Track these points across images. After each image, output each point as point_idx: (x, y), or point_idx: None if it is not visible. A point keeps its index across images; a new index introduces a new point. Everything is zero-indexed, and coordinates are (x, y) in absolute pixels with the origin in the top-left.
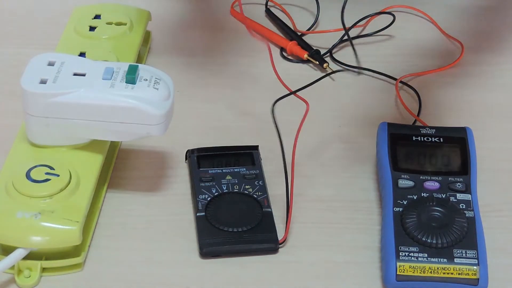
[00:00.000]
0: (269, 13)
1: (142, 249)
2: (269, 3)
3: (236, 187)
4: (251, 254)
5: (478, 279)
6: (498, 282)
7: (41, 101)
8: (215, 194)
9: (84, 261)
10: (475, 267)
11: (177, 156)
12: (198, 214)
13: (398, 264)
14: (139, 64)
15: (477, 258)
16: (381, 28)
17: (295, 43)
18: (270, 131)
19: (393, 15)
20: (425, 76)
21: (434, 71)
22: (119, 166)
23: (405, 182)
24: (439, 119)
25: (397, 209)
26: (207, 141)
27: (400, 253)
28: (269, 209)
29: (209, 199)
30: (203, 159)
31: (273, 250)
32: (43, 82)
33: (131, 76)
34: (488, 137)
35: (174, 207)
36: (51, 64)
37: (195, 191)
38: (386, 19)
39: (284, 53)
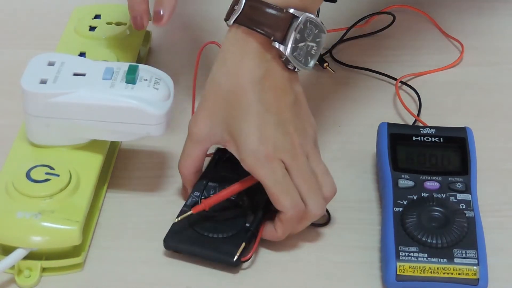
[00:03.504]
0: None
1: (142, 249)
2: None
3: (234, 195)
4: (210, 261)
5: (478, 279)
6: (498, 282)
7: (41, 101)
8: (211, 194)
9: (84, 261)
10: (475, 267)
11: (177, 156)
12: (183, 208)
13: (398, 264)
14: (139, 64)
15: (477, 258)
16: (381, 28)
17: None
18: None
19: (393, 15)
20: (425, 76)
21: (434, 71)
22: (119, 166)
23: (405, 182)
24: (439, 119)
25: (397, 209)
26: None
27: (400, 253)
28: (250, 225)
29: (202, 197)
30: (225, 162)
31: (231, 264)
32: (43, 82)
33: (131, 76)
34: (488, 137)
35: (173, 207)
36: (51, 64)
37: (195, 186)
38: (386, 19)
39: None
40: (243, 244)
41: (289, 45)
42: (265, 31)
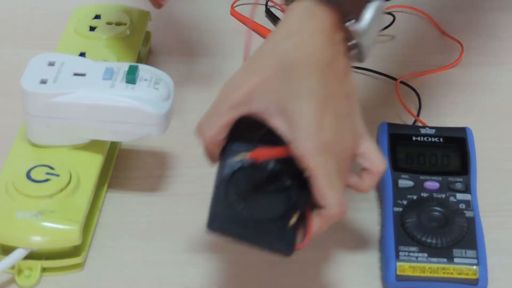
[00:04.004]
0: (269, 13)
1: (142, 249)
2: (269, 3)
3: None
4: (260, 249)
5: (478, 279)
6: (498, 282)
7: (41, 101)
8: (247, 164)
9: (84, 261)
10: (474, 267)
11: (177, 156)
12: (223, 176)
13: (398, 264)
14: (139, 64)
15: (477, 258)
16: (381, 28)
17: None
18: None
19: (393, 15)
20: (425, 76)
21: (434, 71)
22: (119, 166)
23: (405, 182)
24: (439, 119)
25: (397, 209)
26: None
27: (400, 253)
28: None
29: (239, 166)
30: (246, 124)
31: (286, 254)
32: (43, 82)
33: (131, 76)
34: (488, 137)
35: (174, 207)
36: (51, 64)
37: (223, 154)
38: (386, 19)
39: None
40: (297, 233)
41: (364, 27)
42: (341, 7)
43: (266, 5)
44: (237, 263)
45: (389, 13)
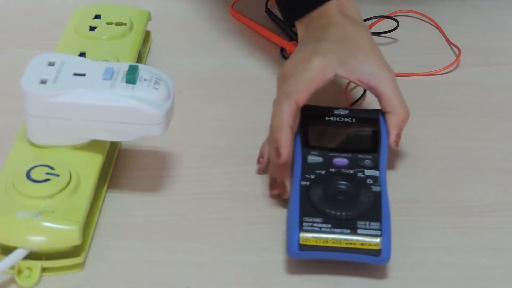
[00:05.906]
0: (269, 13)
1: (142, 249)
2: (269, 3)
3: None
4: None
5: (380, 249)
6: (498, 282)
7: (41, 101)
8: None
9: (84, 261)
10: (377, 238)
11: (177, 156)
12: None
13: (301, 234)
14: (139, 64)
15: (380, 230)
16: (383, 31)
17: (295, 43)
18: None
19: (397, 21)
20: (424, 76)
21: (434, 71)
22: (119, 166)
23: (314, 158)
24: (439, 118)
25: (304, 182)
26: (207, 141)
27: (304, 223)
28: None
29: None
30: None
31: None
32: (43, 82)
33: (131, 76)
34: (488, 137)
35: (174, 207)
36: (51, 64)
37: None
38: (389, 23)
39: (284, 53)
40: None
41: None
42: None
43: (266, 5)
44: (237, 263)
45: (393, 18)
